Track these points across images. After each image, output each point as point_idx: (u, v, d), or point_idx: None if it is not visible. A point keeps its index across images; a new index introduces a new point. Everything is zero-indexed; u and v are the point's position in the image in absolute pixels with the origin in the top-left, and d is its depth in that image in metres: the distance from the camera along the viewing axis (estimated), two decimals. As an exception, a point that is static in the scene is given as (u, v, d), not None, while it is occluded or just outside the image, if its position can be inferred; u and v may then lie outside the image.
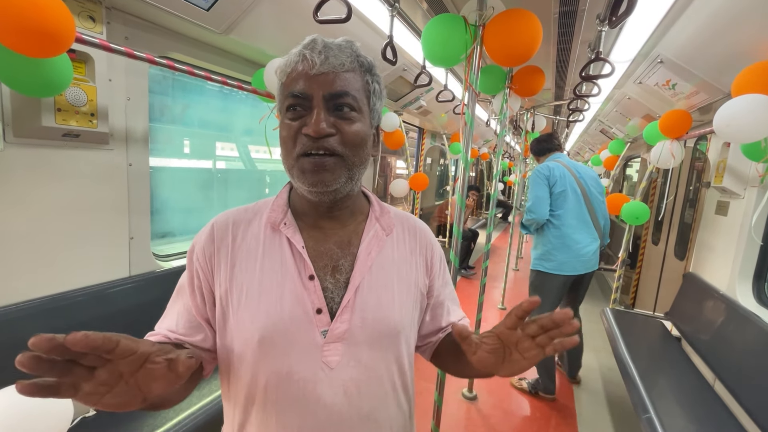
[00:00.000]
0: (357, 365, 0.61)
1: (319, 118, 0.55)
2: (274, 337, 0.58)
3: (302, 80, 0.56)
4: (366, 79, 0.60)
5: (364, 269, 0.63)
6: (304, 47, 0.57)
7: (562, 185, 2.27)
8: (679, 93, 2.15)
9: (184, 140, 2.04)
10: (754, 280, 1.94)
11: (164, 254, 1.81)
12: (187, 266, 0.66)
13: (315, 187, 0.58)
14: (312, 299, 0.60)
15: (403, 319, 0.65)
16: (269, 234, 0.64)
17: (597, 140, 5.25)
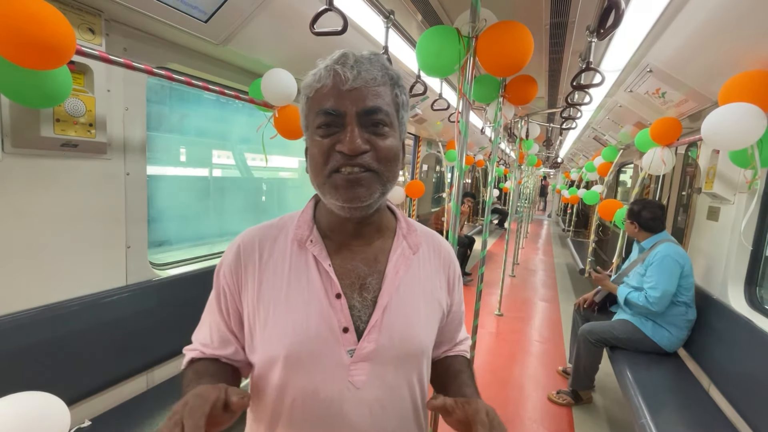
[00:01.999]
0: (382, 385, 0.61)
1: (354, 135, 0.54)
2: (300, 355, 0.58)
3: (334, 97, 0.55)
4: (395, 92, 0.59)
5: (392, 288, 0.62)
6: (335, 62, 0.56)
7: (688, 271, 2.10)
8: (668, 101, 2.19)
9: (181, 149, 2.05)
10: (746, 284, 1.97)
11: (161, 263, 1.81)
12: (214, 285, 0.66)
13: (349, 203, 0.56)
14: (339, 318, 0.59)
15: (428, 338, 0.66)
16: (296, 251, 0.63)
17: (591, 147, 5.32)
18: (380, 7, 1.49)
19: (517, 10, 1.61)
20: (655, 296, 2.06)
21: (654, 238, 2.26)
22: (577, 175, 7.32)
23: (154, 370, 1.69)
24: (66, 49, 0.95)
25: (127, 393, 1.58)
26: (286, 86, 1.74)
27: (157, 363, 1.69)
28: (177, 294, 1.77)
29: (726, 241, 2.08)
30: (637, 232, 2.32)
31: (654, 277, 2.10)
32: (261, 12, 1.47)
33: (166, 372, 1.74)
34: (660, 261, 2.11)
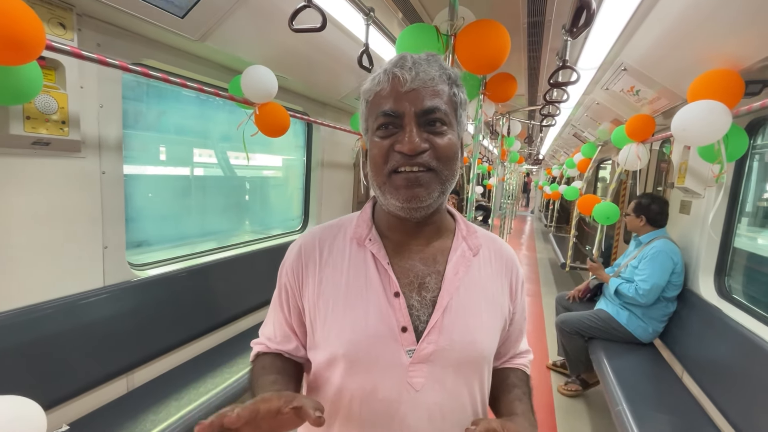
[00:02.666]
0: (442, 389, 0.59)
1: (413, 134, 0.55)
2: (358, 353, 0.59)
3: (392, 98, 0.56)
4: (453, 91, 0.59)
5: (452, 289, 0.61)
6: (393, 65, 0.57)
7: (680, 269, 2.15)
8: (642, 98, 2.26)
9: (160, 147, 2.01)
10: (715, 275, 2.05)
11: (140, 263, 1.78)
12: (278, 283, 0.69)
13: (409, 203, 0.57)
14: (397, 317, 0.59)
15: (490, 343, 0.64)
16: (354, 249, 0.64)
17: (571, 144, 5.44)
18: (360, 4, 1.49)
19: (495, 8, 1.64)
20: (645, 288, 2.11)
21: (654, 233, 2.30)
22: (559, 172, 7.47)
23: (135, 373, 1.66)
24: (35, 45, 0.93)
25: (107, 396, 1.55)
26: (267, 83, 1.73)
27: (137, 365, 1.66)
28: (157, 294, 1.74)
29: (697, 234, 2.16)
30: (642, 226, 2.32)
31: (646, 270, 2.15)
32: (239, 8, 1.46)
33: (148, 374, 1.72)
34: (654, 255, 2.16)
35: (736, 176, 1.98)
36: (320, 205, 3.06)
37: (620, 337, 2.24)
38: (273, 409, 0.46)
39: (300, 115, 2.28)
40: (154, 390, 1.64)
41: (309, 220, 3.04)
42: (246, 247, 2.39)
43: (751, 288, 2.01)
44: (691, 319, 2.08)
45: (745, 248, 2.08)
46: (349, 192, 3.49)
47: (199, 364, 1.87)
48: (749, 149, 1.88)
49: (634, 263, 2.27)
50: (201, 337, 1.97)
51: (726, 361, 1.72)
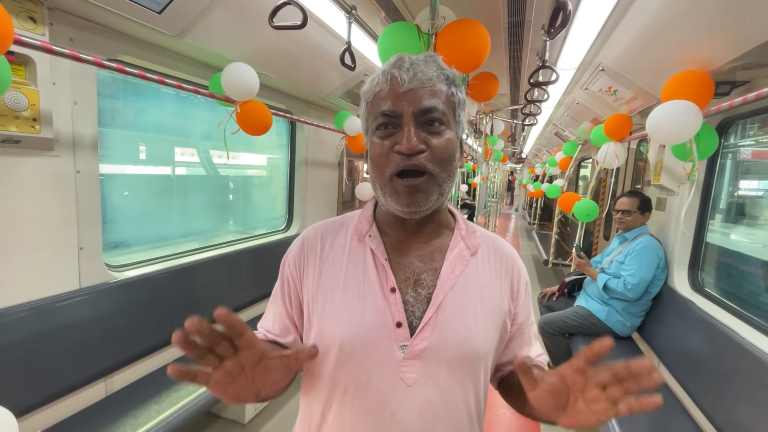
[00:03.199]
0: (434, 386, 0.60)
1: (410, 134, 0.56)
2: (354, 345, 0.60)
3: (391, 99, 0.57)
4: (451, 90, 0.60)
5: (446, 287, 0.62)
6: (391, 66, 0.58)
7: (663, 265, 2.21)
8: (620, 98, 2.32)
9: (139, 145, 1.97)
10: (689, 269, 2.12)
11: (119, 264, 1.74)
12: (280, 274, 0.70)
13: (409, 208, 0.59)
14: (393, 312, 0.60)
15: (485, 343, 0.63)
16: (355, 244, 0.66)
17: (553, 143, 5.54)
18: (342, 2, 1.49)
19: (476, 8, 1.66)
20: (633, 283, 2.16)
21: (639, 229, 2.36)
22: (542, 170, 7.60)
23: (114, 376, 1.63)
24: (2, 39, 0.89)
25: (84, 401, 1.51)
26: (248, 80, 1.71)
27: (116, 368, 1.63)
28: (137, 296, 1.71)
29: (672, 230, 2.23)
30: (631, 220, 2.35)
31: (634, 266, 2.20)
32: (218, 4, 1.43)
33: (127, 377, 1.68)
34: (641, 251, 2.21)
35: (708, 174, 2.06)
36: (305, 204, 3.04)
37: (600, 332, 2.30)
38: (258, 347, 0.49)
39: (283, 114, 2.25)
40: (134, 393, 1.60)
41: (293, 219, 3.02)
42: (229, 247, 2.35)
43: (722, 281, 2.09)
44: (667, 312, 2.15)
45: (716, 243, 2.16)
46: (333, 191, 3.48)
47: (181, 366, 1.84)
48: (720, 148, 1.96)
49: (620, 259, 2.32)
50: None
51: (698, 353, 1.78)
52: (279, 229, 2.96)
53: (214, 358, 0.46)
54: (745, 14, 1.21)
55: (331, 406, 0.62)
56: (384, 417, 0.59)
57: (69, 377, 1.45)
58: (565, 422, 0.49)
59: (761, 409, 1.36)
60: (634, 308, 2.25)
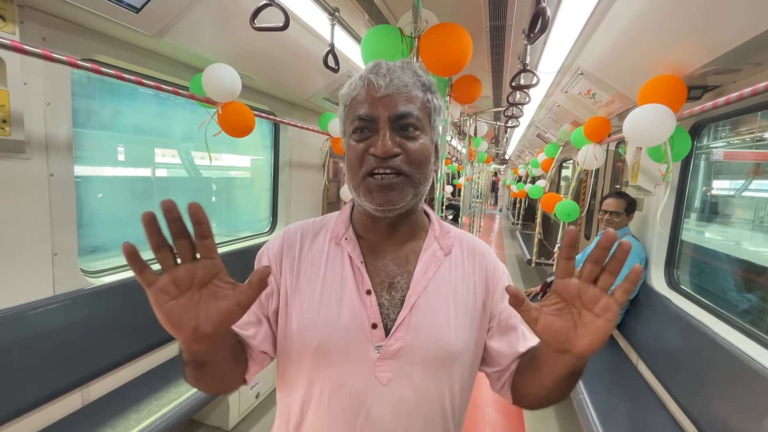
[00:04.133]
0: (409, 385, 0.61)
1: (386, 138, 0.57)
2: (330, 347, 0.61)
3: (368, 103, 0.59)
4: (427, 97, 0.62)
5: (419, 288, 0.64)
6: (369, 72, 0.60)
7: (643, 265, 2.23)
8: (598, 101, 2.38)
9: (117, 147, 1.92)
10: (665, 267, 2.19)
11: (95, 270, 1.69)
12: (256, 265, 0.68)
13: (382, 206, 0.59)
14: (368, 314, 0.62)
15: (458, 341, 0.63)
16: (332, 247, 0.67)
17: (535, 144, 5.63)
18: (324, 4, 1.48)
19: (458, 12, 1.67)
20: (616, 283, 2.18)
21: (623, 230, 2.40)
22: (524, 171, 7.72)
23: (90, 386, 1.58)
24: (-32, 37, 0.86)
25: (60, 412, 1.46)
26: (229, 81, 1.68)
27: (93, 377, 1.58)
28: (114, 302, 1.66)
29: (648, 229, 2.30)
30: (618, 222, 2.38)
31: None
32: (198, 3, 1.41)
33: (105, 386, 1.63)
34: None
35: (682, 175, 2.12)
36: (289, 206, 3.02)
37: None
38: (216, 259, 0.46)
39: (266, 115, 2.23)
40: (112, 403, 1.56)
41: (278, 221, 2.99)
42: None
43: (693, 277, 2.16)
44: (645, 309, 2.21)
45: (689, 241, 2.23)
46: (318, 193, 3.46)
47: (161, 373, 1.80)
48: (692, 150, 2.03)
49: None
50: (162, 345, 1.89)
51: (675, 348, 1.84)
52: (263, 231, 2.93)
53: (169, 255, 0.44)
54: (717, 22, 1.26)
55: (308, 406, 0.63)
56: (359, 415, 0.60)
57: (43, 388, 1.40)
58: (582, 344, 0.47)
59: (734, 401, 1.41)
60: None
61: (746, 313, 1.85)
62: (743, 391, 1.37)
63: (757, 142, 2.16)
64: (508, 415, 2.33)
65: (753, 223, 2.31)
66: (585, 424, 1.67)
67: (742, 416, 1.37)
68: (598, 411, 1.68)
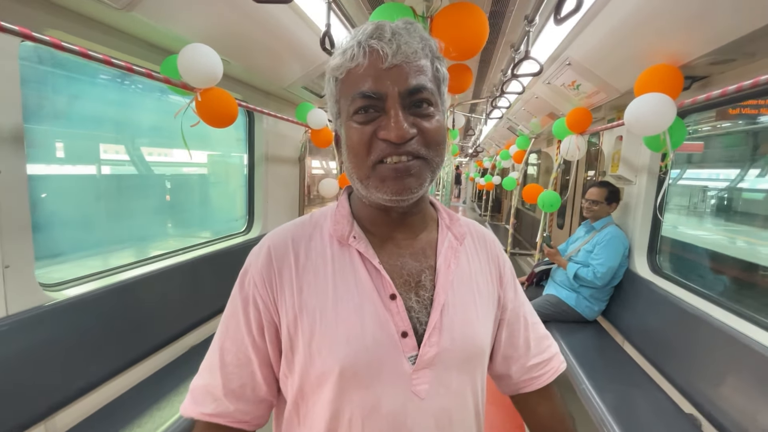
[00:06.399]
0: (447, 392, 0.55)
1: (399, 120, 0.48)
2: (357, 367, 0.51)
3: (372, 77, 0.48)
4: (435, 65, 0.53)
5: (446, 285, 0.57)
6: (369, 37, 0.49)
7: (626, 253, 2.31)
8: (582, 93, 2.41)
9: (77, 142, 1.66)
10: (648, 253, 2.27)
11: (56, 282, 1.45)
12: (239, 296, 0.56)
13: (399, 195, 0.51)
14: (396, 321, 0.53)
15: (487, 336, 0.61)
16: (337, 249, 0.56)
17: (503, 136, 5.75)
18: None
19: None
20: (602, 271, 2.26)
21: (606, 219, 2.45)
22: (490, 163, 7.89)
23: (55, 417, 1.36)
24: None
25: (19, 450, 1.24)
26: (211, 64, 1.50)
27: (58, 407, 1.36)
28: (80, 318, 1.44)
29: (630, 217, 2.38)
30: (598, 210, 2.43)
31: (603, 254, 2.29)
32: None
33: (72, 416, 1.41)
34: (609, 240, 2.31)
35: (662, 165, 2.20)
36: (266, 203, 2.82)
37: (570, 317, 2.40)
38: None
39: (245, 104, 2.04)
40: (83, 435, 1.35)
41: (254, 220, 2.79)
42: (185, 254, 2.10)
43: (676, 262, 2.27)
44: (629, 294, 2.29)
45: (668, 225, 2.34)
46: (295, 188, 3.28)
47: (139, 395, 1.60)
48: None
49: (588, 248, 2.42)
50: (139, 362, 1.68)
51: (660, 328, 1.93)
52: (239, 231, 2.72)
53: None
54: (716, 14, 1.28)
55: None
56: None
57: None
58: None
59: (717, 369, 1.52)
60: (600, 293, 2.38)
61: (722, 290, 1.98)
62: (725, 359, 1.50)
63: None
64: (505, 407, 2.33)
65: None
66: (585, 400, 1.73)
67: (724, 382, 1.48)
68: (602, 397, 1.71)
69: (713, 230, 2.65)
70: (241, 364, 0.55)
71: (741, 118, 2.41)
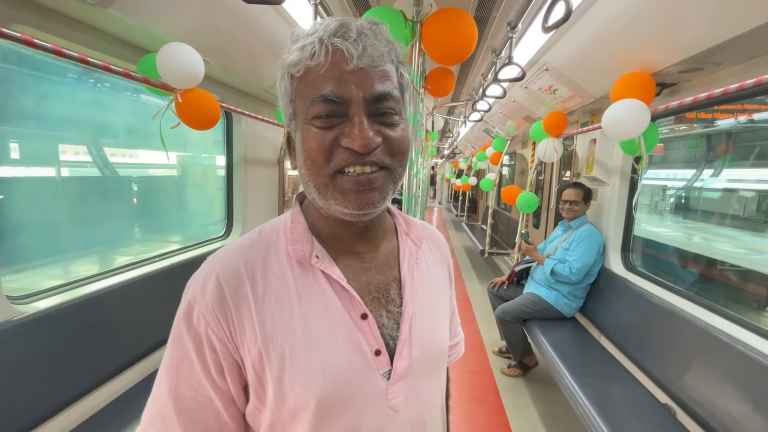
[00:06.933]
0: (420, 400, 0.55)
1: (364, 128, 0.45)
2: (335, 395, 0.48)
3: (334, 79, 0.44)
4: (400, 71, 0.50)
5: (413, 295, 0.56)
6: (332, 34, 0.45)
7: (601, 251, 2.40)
8: (558, 97, 2.50)
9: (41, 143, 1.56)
10: (622, 251, 2.38)
11: (25, 295, 1.36)
12: (188, 335, 0.49)
13: (362, 209, 0.47)
14: (369, 341, 0.51)
15: (447, 335, 0.63)
16: (299, 272, 0.51)
17: (479, 138, 5.87)
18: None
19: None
20: (578, 267, 2.35)
21: (582, 218, 2.55)
22: (466, 165, 8.03)
23: (27, 438, 1.27)
24: None
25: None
26: (192, 64, 1.45)
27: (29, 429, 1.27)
28: (51, 333, 1.35)
29: (604, 217, 2.48)
30: (578, 210, 2.52)
31: (578, 251, 2.38)
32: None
33: (45, 437, 1.33)
34: (585, 238, 2.40)
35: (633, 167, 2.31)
36: (245, 207, 2.75)
37: (550, 315, 2.48)
38: None
39: (224, 105, 1.98)
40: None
41: (234, 223, 2.71)
42: (162, 261, 2.01)
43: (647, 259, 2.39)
44: (604, 291, 2.39)
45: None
46: (274, 191, 3.22)
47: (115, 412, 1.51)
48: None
49: (565, 245, 2.50)
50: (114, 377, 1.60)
51: (634, 322, 2.03)
52: (218, 236, 2.64)
53: None
54: (685, 27, 1.35)
55: None
56: None
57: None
58: None
59: (692, 362, 1.61)
60: (577, 291, 2.47)
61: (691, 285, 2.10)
62: (696, 351, 1.61)
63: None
64: (488, 404, 2.38)
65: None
66: (567, 394, 1.79)
67: (696, 372, 1.58)
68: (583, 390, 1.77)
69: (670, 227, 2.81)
70: (202, 408, 0.49)
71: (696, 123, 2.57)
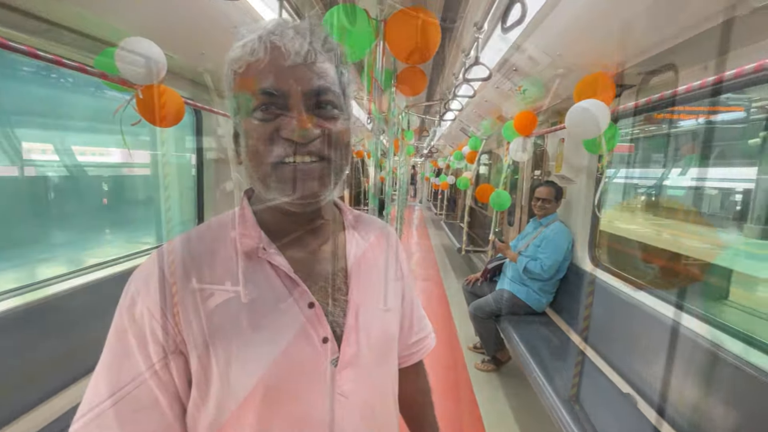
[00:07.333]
0: (369, 387, 0.57)
1: (303, 118, 0.47)
2: (282, 383, 0.50)
3: (273, 74, 0.47)
4: (340, 69, 0.53)
5: (359, 285, 0.59)
6: (271, 33, 0.48)
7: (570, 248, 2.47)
8: (527, 97, 2.55)
9: None
10: (589, 248, 2.45)
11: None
12: (131, 331, 0.48)
13: (302, 198, 0.49)
14: (316, 329, 0.53)
15: (397, 325, 0.65)
16: (246, 264, 0.53)
17: (456, 137, 5.93)
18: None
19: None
20: (549, 264, 2.42)
21: (552, 216, 2.61)
22: (444, 164, 8.11)
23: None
24: None
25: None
26: (153, 60, 1.40)
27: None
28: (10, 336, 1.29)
29: (572, 215, 2.55)
30: (549, 207, 2.59)
31: (549, 249, 2.45)
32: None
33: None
34: (555, 235, 2.47)
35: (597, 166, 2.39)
36: (215, 204, 2.70)
37: (521, 310, 2.53)
38: None
39: (192, 102, 1.94)
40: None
41: (204, 223, 2.66)
42: (126, 262, 1.95)
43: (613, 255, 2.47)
44: (573, 286, 2.46)
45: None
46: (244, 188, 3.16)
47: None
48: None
49: (536, 242, 2.56)
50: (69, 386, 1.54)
51: (599, 316, 2.10)
52: (188, 236, 2.58)
53: None
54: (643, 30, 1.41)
55: None
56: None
57: None
58: None
59: (652, 353, 1.68)
60: (548, 286, 2.53)
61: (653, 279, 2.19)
62: (656, 342, 1.68)
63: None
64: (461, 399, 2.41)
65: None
66: (536, 388, 1.85)
67: (655, 362, 1.65)
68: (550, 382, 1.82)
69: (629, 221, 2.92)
70: (146, 409, 0.48)
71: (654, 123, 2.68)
